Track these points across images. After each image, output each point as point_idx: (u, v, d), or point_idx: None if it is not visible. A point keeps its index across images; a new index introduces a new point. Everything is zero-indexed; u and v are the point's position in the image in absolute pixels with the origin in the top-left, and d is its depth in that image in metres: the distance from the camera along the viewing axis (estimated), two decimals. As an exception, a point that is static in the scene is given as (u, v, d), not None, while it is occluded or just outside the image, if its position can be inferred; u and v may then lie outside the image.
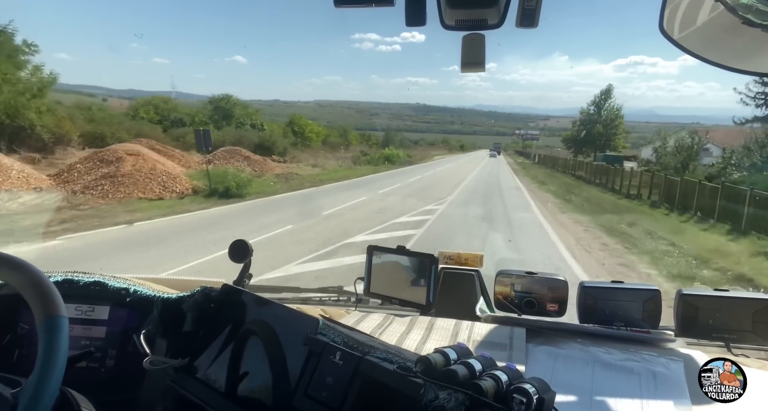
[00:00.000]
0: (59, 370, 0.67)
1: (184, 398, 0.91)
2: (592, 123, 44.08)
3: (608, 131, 43.27)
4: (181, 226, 9.60)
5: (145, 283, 1.16)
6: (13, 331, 1.09)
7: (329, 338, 0.82)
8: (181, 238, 8.26)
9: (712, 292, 1.06)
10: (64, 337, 0.68)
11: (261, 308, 0.94)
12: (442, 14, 0.75)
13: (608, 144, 43.66)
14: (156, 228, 9.36)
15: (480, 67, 0.84)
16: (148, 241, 8.02)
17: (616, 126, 43.74)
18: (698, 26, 0.67)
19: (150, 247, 7.56)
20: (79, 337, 1.09)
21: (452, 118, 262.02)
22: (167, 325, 1.02)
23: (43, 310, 0.68)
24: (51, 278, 0.83)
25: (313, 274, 5.93)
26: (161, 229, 9.20)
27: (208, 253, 6.73)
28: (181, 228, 9.44)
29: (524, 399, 0.59)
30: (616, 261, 7.67)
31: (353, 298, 1.40)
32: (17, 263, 0.71)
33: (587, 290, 1.12)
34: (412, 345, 1.01)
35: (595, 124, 43.64)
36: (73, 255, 6.93)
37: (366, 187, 17.33)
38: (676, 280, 6.66)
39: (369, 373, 0.74)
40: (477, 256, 1.36)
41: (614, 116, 44.34)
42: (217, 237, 7.82)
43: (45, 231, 8.33)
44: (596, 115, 44.53)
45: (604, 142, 43.52)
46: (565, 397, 0.81)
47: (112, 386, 1.07)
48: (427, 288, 1.22)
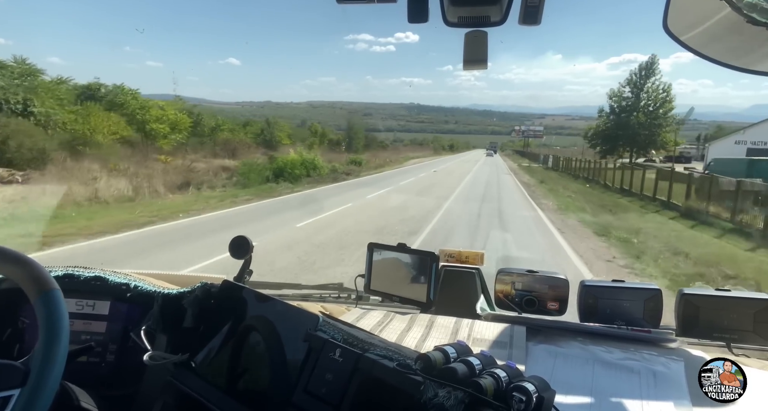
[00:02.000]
0: (65, 337, 0.68)
1: (184, 393, 0.91)
2: (627, 111, 31.91)
3: (652, 122, 31.15)
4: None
5: (145, 279, 1.16)
6: (13, 326, 1.10)
7: (329, 335, 0.82)
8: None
9: (714, 292, 1.05)
10: (63, 307, 0.69)
11: (261, 304, 0.94)
12: (445, 11, 0.75)
13: (652, 139, 31.55)
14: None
15: (482, 65, 0.84)
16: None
17: (664, 114, 31.31)
18: (703, 25, 0.67)
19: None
20: (80, 331, 1.10)
21: (446, 118, 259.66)
22: (167, 320, 1.02)
23: (36, 286, 0.69)
24: (51, 273, 0.83)
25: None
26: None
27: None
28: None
29: (524, 397, 0.59)
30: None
31: (353, 295, 1.41)
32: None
33: (588, 289, 1.12)
34: (412, 342, 1.01)
35: (633, 112, 31.39)
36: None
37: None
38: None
39: (368, 370, 0.74)
40: (478, 254, 1.36)
41: (661, 100, 31.39)
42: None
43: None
44: (633, 99, 31.90)
45: (648, 137, 31.51)
46: (565, 395, 0.81)
47: (112, 381, 1.07)
48: (428, 286, 1.22)
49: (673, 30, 0.71)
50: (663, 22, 0.72)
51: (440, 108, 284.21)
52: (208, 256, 6.06)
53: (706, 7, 0.64)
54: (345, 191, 15.60)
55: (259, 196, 13.70)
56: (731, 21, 0.59)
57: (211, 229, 8.65)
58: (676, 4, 0.70)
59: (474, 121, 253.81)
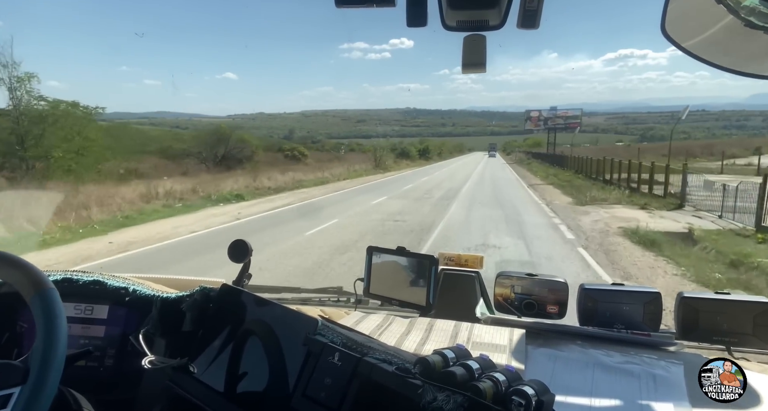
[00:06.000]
0: (63, 334, 0.68)
1: (182, 398, 0.91)
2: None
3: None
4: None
5: (144, 283, 1.16)
6: (11, 330, 1.09)
7: (328, 339, 0.82)
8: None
9: (713, 295, 1.05)
10: (59, 306, 0.69)
11: (260, 308, 0.94)
12: (444, 15, 0.75)
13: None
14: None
15: (481, 68, 0.84)
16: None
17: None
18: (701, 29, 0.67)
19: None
20: (78, 336, 1.09)
21: (443, 120, 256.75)
22: (166, 324, 1.02)
23: (31, 287, 0.69)
24: (50, 277, 0.83)
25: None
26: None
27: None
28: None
29: (523, 401, 0.59)
30: None
31: (353, 299, 1.40)
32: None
33: (587, 292, 1.12)
34: (411, 346, 1.00)
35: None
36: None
37: None
38: None
39: (367, 374, 0.74)
40: (477, 258, 1.36)
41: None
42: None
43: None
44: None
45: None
46: (565, 399, 0.81)
47: (110, 385, 1.07)
48: (427, 289, 1.22)
49: (671, 34, 0.72)
50: (661, 26, 0.72)
51: (437, 111, 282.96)
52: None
53: (704, 11, 0.64)
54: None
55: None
56: (729, 25, 0.59)
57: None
58: (674, 8, 0.70)
59: (472, 122, 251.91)
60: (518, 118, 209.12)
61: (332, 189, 19.48)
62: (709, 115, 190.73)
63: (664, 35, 0.72)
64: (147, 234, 9.55)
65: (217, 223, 10.79)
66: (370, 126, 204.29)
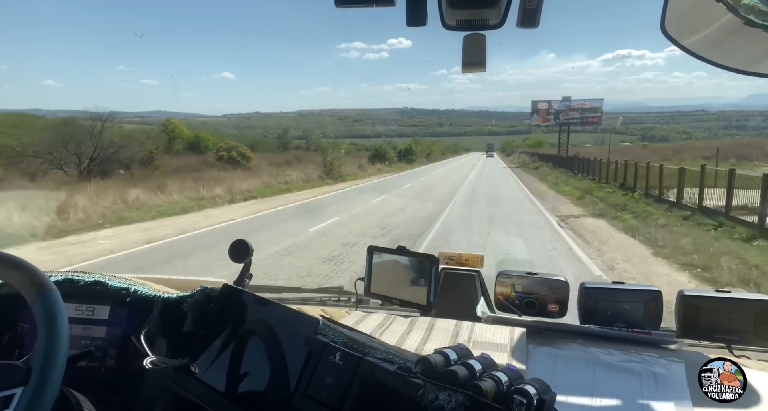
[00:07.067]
0: (64, 335, 0.68)
1: (184, 398, 0.91)
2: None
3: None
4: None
5: (145, 283, 1.16)
6: (12, 331, 1.09)
7: (329, 338, 0.82)
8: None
9: (714, 293, 1.05)
10: (61, 307, 0.69)
11: (261, 308, 0.94)
12: (443, 14, 0.75)
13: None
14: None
15: (481, 67, 0.84)
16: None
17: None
18: (700, 27, 0.67)
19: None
20: (79, 336, 1.09)
21: (440, 120, 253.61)
22: (167, 325, 1.02)
23: (33, 288, 0.69)
24: (51, 278, 0.83)
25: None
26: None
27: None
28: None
29: (524, 400, 0.59)
30: None
31: (353, 299, 1.40)
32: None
33: (588, 291, 1.12)
34: (412, 346, 1.00)
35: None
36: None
37: None
38: None
39: (369, 374, 0.74)
40: (478, 257, 1.36)
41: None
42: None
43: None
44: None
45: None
46: (566, 398, 0.81)
47: (112, 386, 1.07)
48: (428, 288, 1.22)
49: (670, 32, 0.72)
50: (660, 24, 0.72)
51: (435, 111, 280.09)
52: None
53: (703, 9, 0.64)
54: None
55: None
56: (729, 23, 0.59)
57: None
58: (673, 7, 0.70)
59: (470, 122, 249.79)
60: (516, 118, 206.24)
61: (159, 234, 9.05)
62: (708, 115, 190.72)
63: (663, 33, 0.72)
64: None
65: None
66: (367, 126, 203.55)
